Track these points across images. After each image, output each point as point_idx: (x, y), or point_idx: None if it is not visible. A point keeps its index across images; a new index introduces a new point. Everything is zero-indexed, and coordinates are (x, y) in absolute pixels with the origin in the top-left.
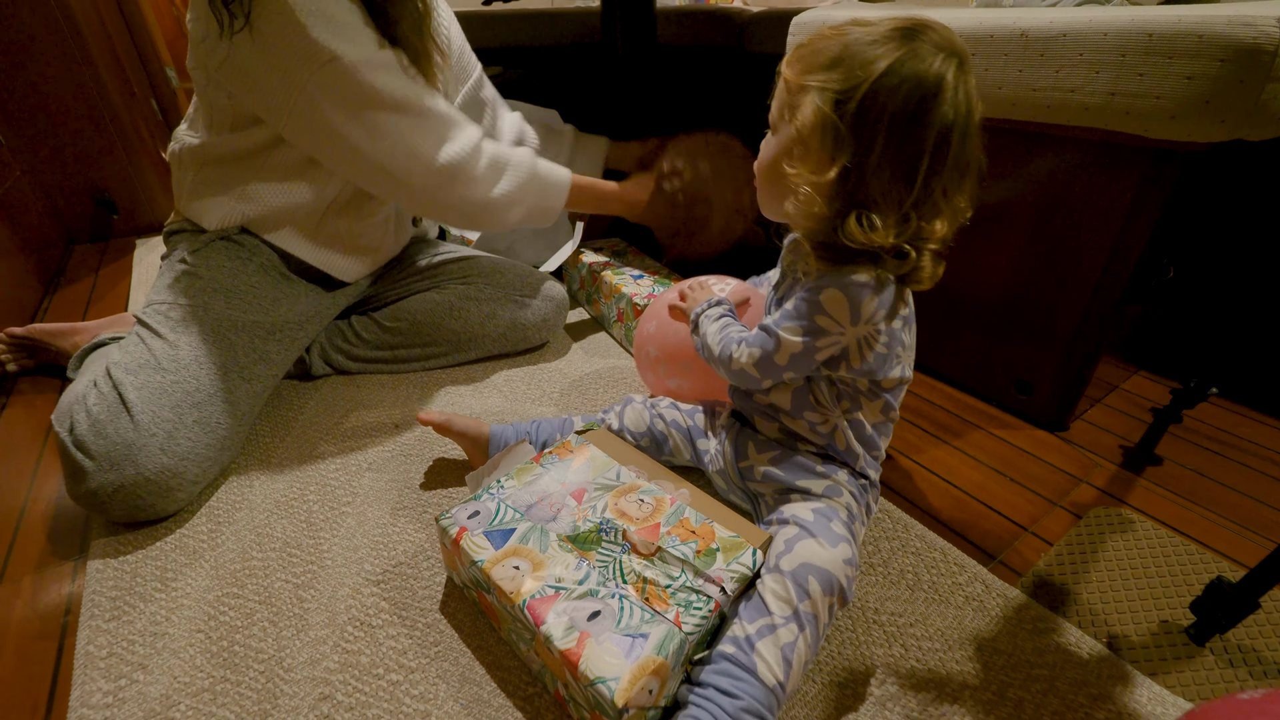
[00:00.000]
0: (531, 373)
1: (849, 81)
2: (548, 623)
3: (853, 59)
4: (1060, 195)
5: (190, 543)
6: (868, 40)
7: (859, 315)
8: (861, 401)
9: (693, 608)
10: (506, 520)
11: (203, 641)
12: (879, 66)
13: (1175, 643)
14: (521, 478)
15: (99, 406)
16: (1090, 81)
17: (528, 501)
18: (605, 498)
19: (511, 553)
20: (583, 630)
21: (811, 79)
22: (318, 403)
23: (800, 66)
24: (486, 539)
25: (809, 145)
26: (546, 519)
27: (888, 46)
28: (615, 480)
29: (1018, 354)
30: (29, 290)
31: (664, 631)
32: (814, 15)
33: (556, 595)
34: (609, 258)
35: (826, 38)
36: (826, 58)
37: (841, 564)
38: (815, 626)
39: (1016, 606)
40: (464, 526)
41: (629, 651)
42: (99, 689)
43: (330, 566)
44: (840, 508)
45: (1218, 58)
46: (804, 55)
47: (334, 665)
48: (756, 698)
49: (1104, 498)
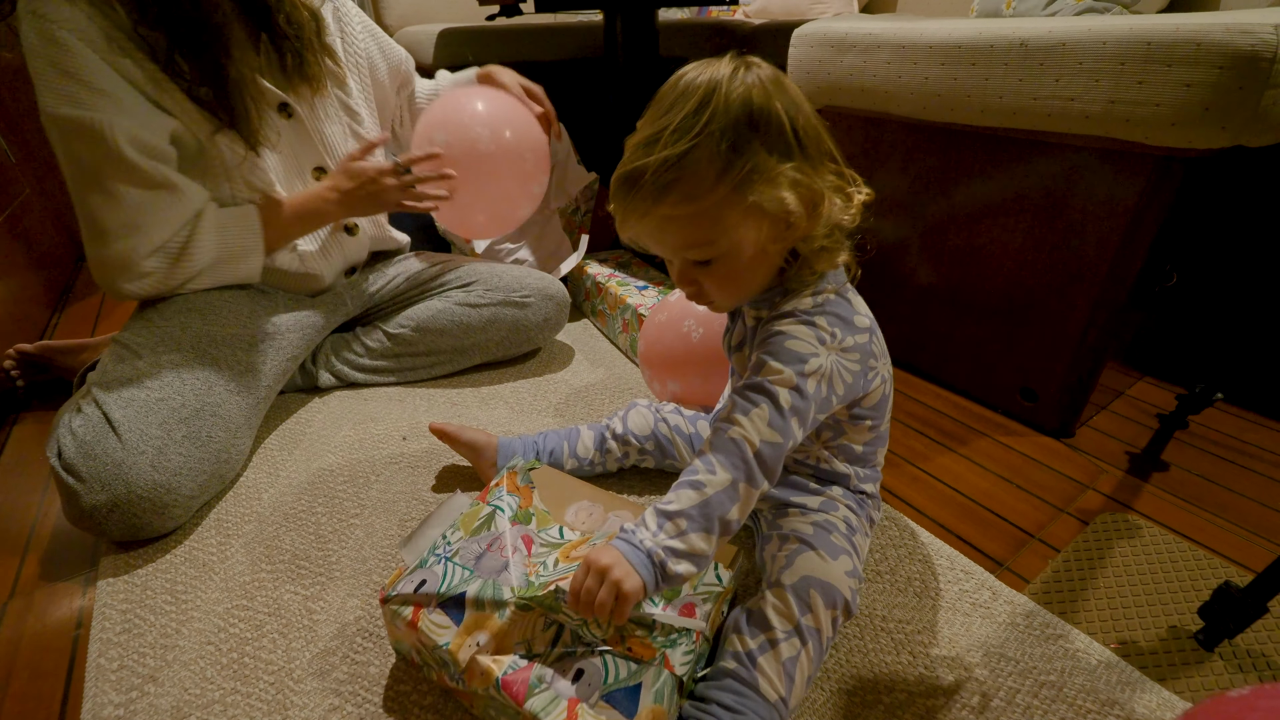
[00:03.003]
0: (537, 384)
1: (765, 133)
2: (531, 700)
3: (747, 120)
4: (1063, 203)
5: (200, 556)
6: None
7: (822, 337)
8: (845, 428)
9: (677, 645)
10: (456, 583)
11: (213, 653)
12: (769, 94)
13: (1184, 648)
14: (469, 525)
15: (84, 428)
16: (1090, 90)
17: (476, 552)
18: (554, 554)
19: (472, 625)
20: (570, 697)
21: (733, 177)
22: (325, 415)
23: (701, 189)
24: (445, 614)
25: (799, 213)
26: (498, 569)
27: (744, 85)
28: (559, 539)
29: (1023, 361)
30: (39, 307)
31: (656, 678)
32: (815, 27)
33: (531, 665)
34: (614, 269)
35: (685, 148)
36: (719, 153)
37: (843, 576)
38: (818, 640)
39: (1024, 613)
40: (419, 604)
41: (624, 708)
42: (110, 701)
43: (339, 578)
44: (838, 520)
45: (1216, 65)
46: (685, 180)
47: (344, 676)
48: (760, 714)
49: (1111, 504)
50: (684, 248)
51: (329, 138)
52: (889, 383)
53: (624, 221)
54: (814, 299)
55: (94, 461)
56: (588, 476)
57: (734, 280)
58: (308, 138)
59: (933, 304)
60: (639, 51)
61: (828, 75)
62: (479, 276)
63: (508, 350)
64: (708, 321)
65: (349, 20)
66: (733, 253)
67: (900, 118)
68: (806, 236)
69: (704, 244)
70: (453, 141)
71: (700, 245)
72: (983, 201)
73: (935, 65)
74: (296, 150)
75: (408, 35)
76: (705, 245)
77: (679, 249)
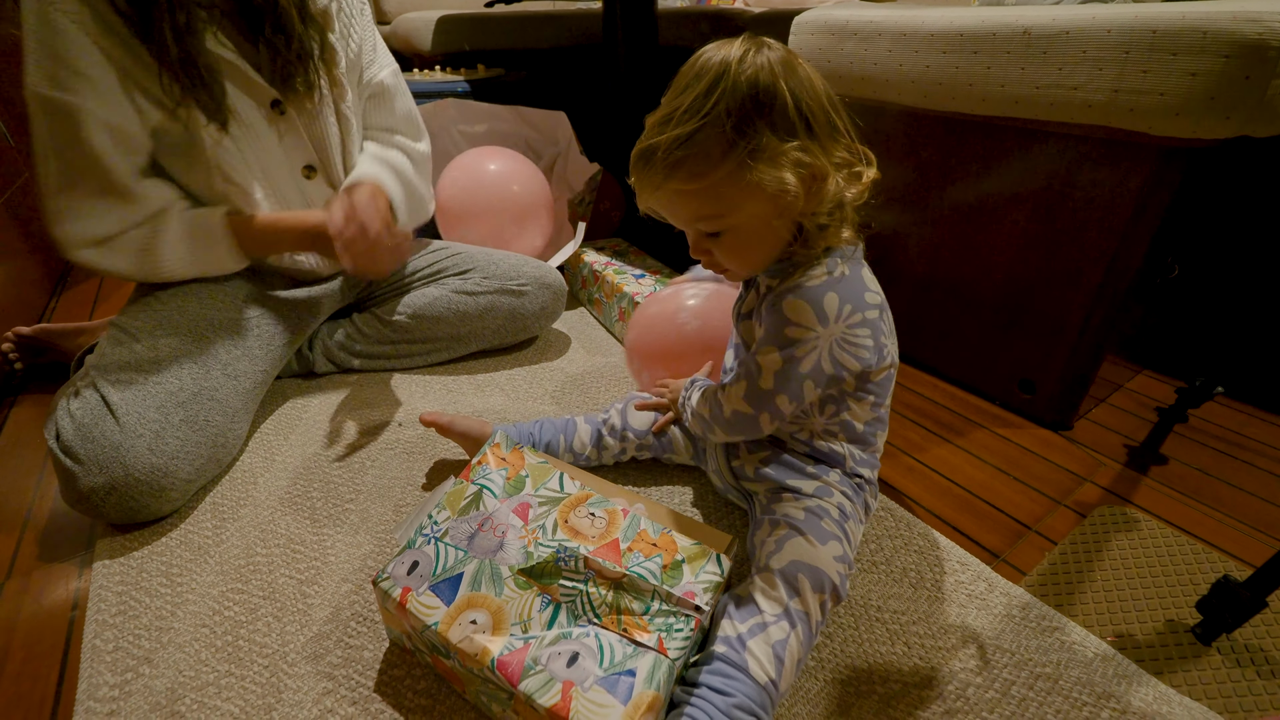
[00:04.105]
0: (534, 371)
1: (769, 113)
2: (525, 681)
3: (752, 101)
4: (1064, 193)
5: (195, 539)
6: (732, 85)
7: (825, 316)
8: (849, 402)
9: (674, 630)
10: (451, 565)
11: (207, 636)
12: (777, 75)
13: (1181, 642)
14: (455, 504)
15: (82, 411)
16: (1094, 79)
17: (468, 532)
18: (553, 514)
19: (465, 604)
20: (565, 680)
21: (736, 156)
22: (321, 400)
23: (706, 166)
24: (435, 595)
25: (798, 191)
26: (493, 549)
27: (753, 66)
28: (559, 490)
29: (1021, 353)
30: (37, 290)
31: (651, 663)
32: (815, 15)
33: (527, 646)
34: (611, 257)
35: (694, 128)
36: (724, 132)
37: (832, 561)
38: (807, 624)
39: (1021, 605)
40: (407, 587)
41: (619, 692)
42: (105, 683)
43: (334, 562)
44: (831, 507)
45: (1222, 54)
46: (693, 158)
47: (337, 660)
48: (749, 695)
49: (1109, 497)
50: (694, 220)
51: (321, 138)
52: (895, 364)
53: (640, 193)
54: (827, 272)
55: (92, 444)
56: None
57: (742, 251)
58: (299, 135)
59: (932, 294)
60: (639, 39)
61: (827, 63)
62: (476, 264)
63: (504, 338)
64: (701, 314)
65: (351, 27)
66: (739, 226)
67: (901, 106)
68: (809, 212)
69: (712, 217)
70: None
71: (708, 218)
72: (984, 191)
73: (937, 53)
74: (287, 146)
75: (406, 22)
76: (713, 219)
77: (690, 221)
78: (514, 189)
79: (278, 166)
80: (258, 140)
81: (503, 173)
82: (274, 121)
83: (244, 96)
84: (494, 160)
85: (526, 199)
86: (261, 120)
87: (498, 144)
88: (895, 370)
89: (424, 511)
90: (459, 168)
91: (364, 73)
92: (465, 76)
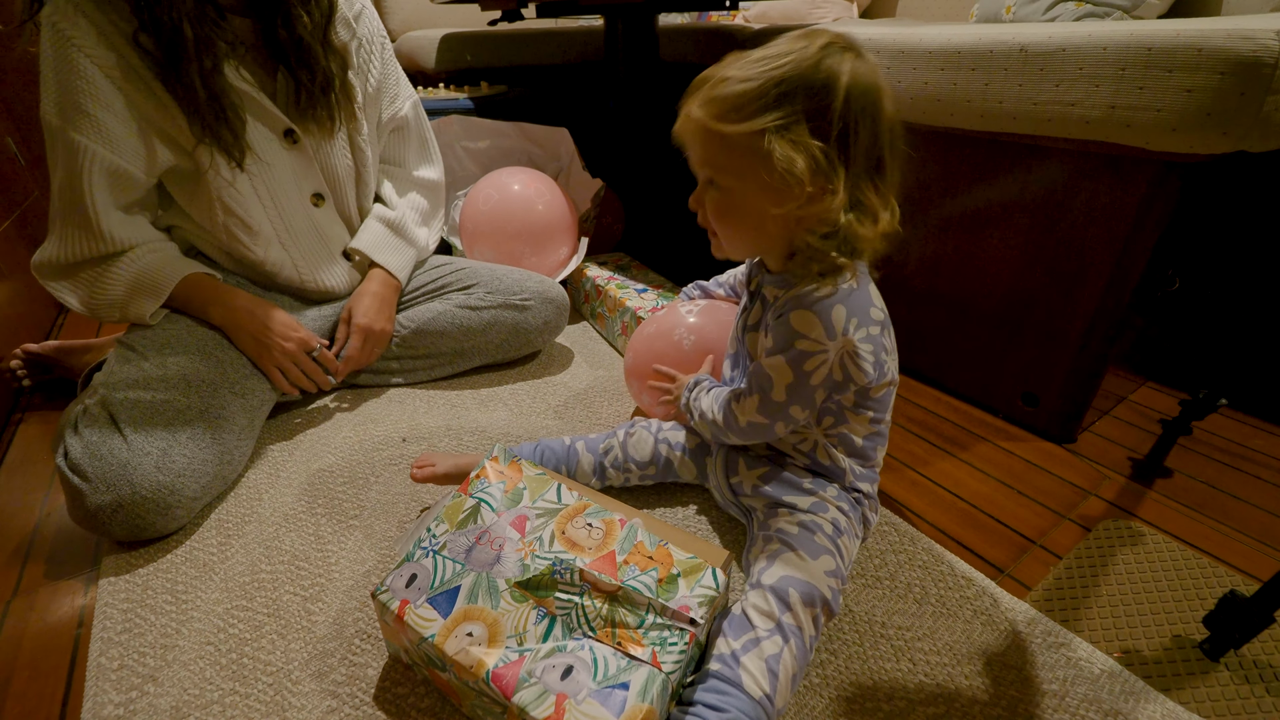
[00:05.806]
0: (536, 386)
1: (814, 105)
2: (519, 694)
3: (805, 85)
4: (1064, 208)
5: (200, 556)
6: (798, 63)
7: (833, 329)
8: (847, 416)
9: (669, 644)
10: (448, 578)
11: (212, 654)
12: (842, 82)
13: (1189, 658)
14: (453, 517)
15: (90, 429)
16: (1090, 95)
17: (465, 545)
18: (550, 525)
19: (462, 617)
20: (559, 692)
21: (762, 121)
22: (325, 417)
23: (734, 115)
24: (432, 607)
25: (801, 181)
26: (490, 562)
27: (827, 61)
28: (557, 502)
29: (1024, 366)
30: (44, 307)
31: (645, 676)
32: None
33: (522, 659)
34: (613, 272)
35: (746, 79)
36: (766, 96)
37: (823, 575)
38: (800, 638)
39: (1026, 620)
40: (405, 599)
41: (612, 706)
42: (110, 700)
43: (338, 580)
44: (825, 522)
45: (1217, 71)
46: (728, 101)
47: (341, 678)
48: (744, 710)
49: (1113, 510)
50: (703, 162)
51: (332, 168)
52: (895, 381)
53: (681, 112)
54: (834, 286)
55: (99, 462)
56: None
57: (728, 217)
58: (310, 164)
59: (934, 308)
60: (640, 56)
61: None
62: (479, 279)
63: (507, 353)
64: (699, 330)
65: (370, 63)
66: (734, 190)
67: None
68: (802, 220)
69: (717, 167)
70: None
71: (713, 165)
72: (983, 205)
73: (935, 70)
74: (297, 173)
75: (410, 40)
76: (717, 168)
77: (700, 161)
78: (539, 209)
79: (287, 195)
80: (268, 170)
81: (525, 195)
82: (286, 150)
83: (259, 126)
84: (518, 180)
85: (551, 219)
86: (274, 149)
87: (500, 160)
88: (895, 387)
89: (423, 525)
90: (488, 186)
91: (384, 110)
92: (469, 93)
